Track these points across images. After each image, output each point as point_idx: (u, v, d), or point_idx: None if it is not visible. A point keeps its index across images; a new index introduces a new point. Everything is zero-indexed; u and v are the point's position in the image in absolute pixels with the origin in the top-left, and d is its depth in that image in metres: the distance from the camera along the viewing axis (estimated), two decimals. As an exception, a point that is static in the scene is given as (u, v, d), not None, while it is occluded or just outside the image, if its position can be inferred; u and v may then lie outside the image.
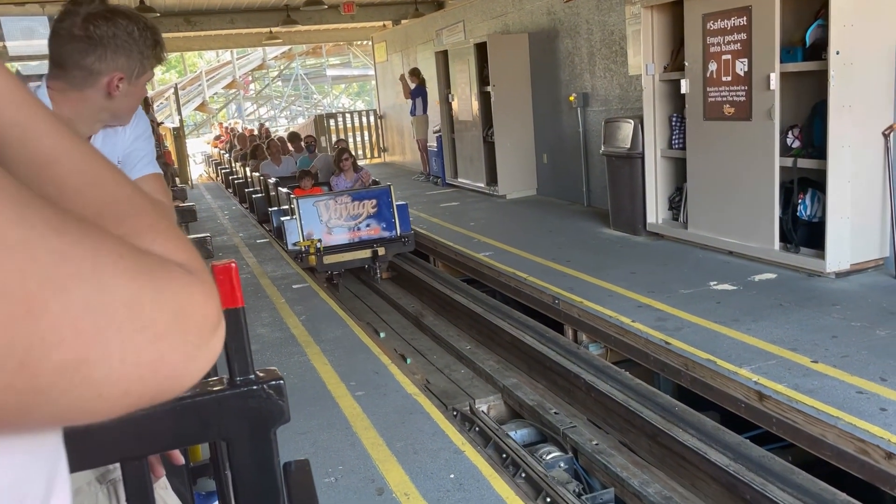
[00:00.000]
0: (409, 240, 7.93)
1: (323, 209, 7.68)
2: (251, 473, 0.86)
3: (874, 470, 3.21)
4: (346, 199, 7.80)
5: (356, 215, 7.77)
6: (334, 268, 7.81)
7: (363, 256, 7.79)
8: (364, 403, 4.02)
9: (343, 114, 19.94)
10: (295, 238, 7.58)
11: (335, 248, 7.68)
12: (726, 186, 6.27)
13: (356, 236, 7.80)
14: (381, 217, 7.86)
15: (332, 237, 7.70)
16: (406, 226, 7.98)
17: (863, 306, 4.84)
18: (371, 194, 7.91)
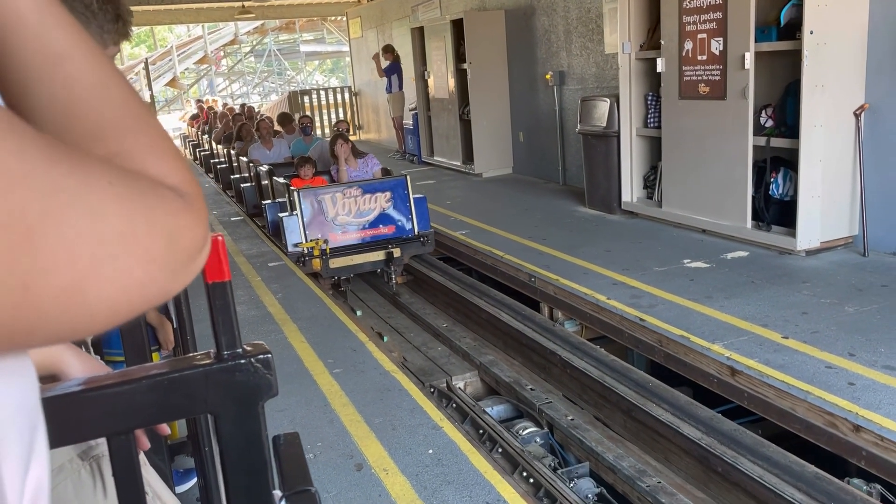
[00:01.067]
0: (428, 239, 6.83)
1: (329, 203, 6.58)
2: (239, 447, 0.86)
3: (842, 442, 3.30)
4: (355, 191, 6.65)
5: (367, 210, 6.67)
6: (342, 272, 6.72)
7: (376, 259, 6.73)
8: (342, 381, 4.03)
9: (317, 90, 19.73)
10: (296, 238, 6.51)
11: (343, 250, 6.62)
12: (700, 165, 6.33)
13: (367, 235, 6.71)
14: (396, 212, 6.78)
15: (339, 237, 6.64)
16: (425, 223, 6.87)
17: (832, 283, 4.93)
18: (384, 186, 6.79)
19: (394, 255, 6.69)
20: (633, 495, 3.86)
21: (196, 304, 2.08)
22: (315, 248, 6.44)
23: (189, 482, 2.95)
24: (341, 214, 6.60)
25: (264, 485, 0.87)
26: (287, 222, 6.52)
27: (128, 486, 0.87)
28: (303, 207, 6.51)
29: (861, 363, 3.71)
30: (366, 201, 6.66)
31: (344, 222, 6.62)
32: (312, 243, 6.45)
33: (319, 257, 6.46)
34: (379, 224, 6.74)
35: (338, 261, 6.59)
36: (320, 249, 6.45)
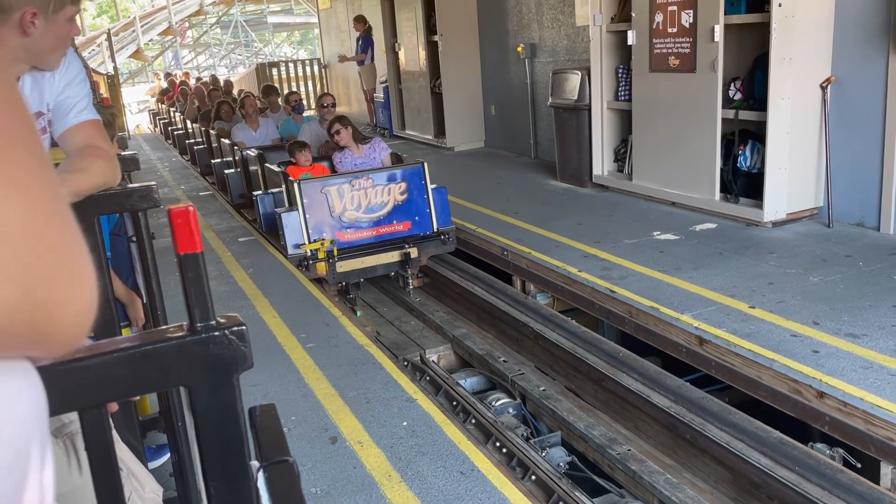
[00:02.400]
0: (449, 237, 5.96)
1: (334, 197, 5.65)
2: (214, 420, 0.85)
3: (806, 408, 3.39)
4: (365, 182, 5.74)
5: (379, 205, 5.76)
6: (351, 277, 5.84)
7: (389, 261, 5.88)
8: (315, 355, 4.03)
9: (286, 63, 19.42)
10: (298, 238, 5.58)
11: (352, 251, 5.74)
12: (670, 138, 6.38)
13: (379, 233, 5.83)
14: (413, 206, 5.87)
15: (347, 235, 5.73)
16: (445, 217, 6.01)
17: (798, 254, 5.03)
18: (398, 175, 5.90)
19: (410, 256, 5.80)
20: (603, 463, 3.94)
21: (166, 279, 2.05)
22: (320, 249, 5.56)
23: (162, 458, 2.94)
24: (349, 209, 5.67)
25: (240, 457, 0.86)
26: (286, 220, 5.57)
27: (101, 459, 0.86)
28: (304, 202, 5.56)
29: (825, 331, 3.80)
30: (377, 193, 5.73)
31: (352, 219, 5.70)
32: (317, 244, 5.55)
33: (325, 260, 5.61)
34: (392, 220, 5.83)
35: (346, 264, 5.69)
36: (326, 251, 5.59)
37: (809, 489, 3.11)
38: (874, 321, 3.87)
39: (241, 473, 0.85)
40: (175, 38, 32.23)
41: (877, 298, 4.15)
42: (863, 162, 5.39)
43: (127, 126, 17.51)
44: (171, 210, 0.80)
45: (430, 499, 2.64)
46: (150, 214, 1.90)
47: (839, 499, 3.02)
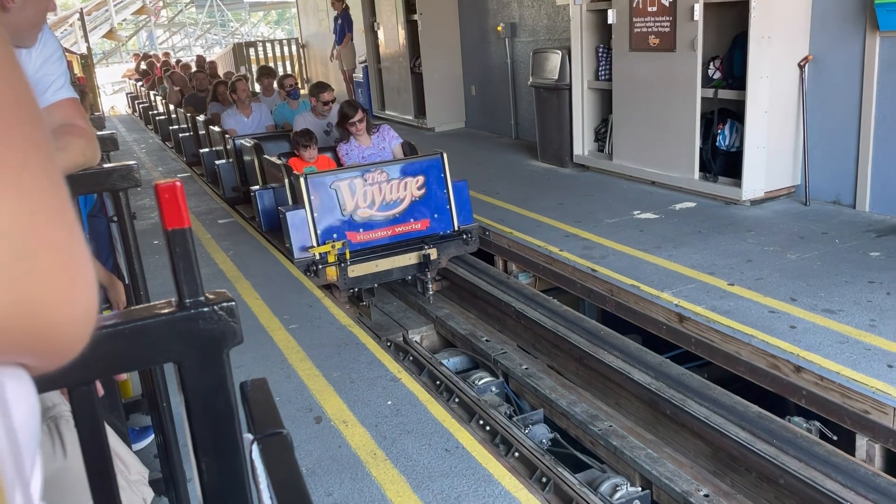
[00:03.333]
0: (472, 236, 5.40)
1: (345, 193, 5.07)
2: (204, 396, 0.85)
3: (784, 383, 3.45)
4: (379, 175, 5.16)
5: (395, 201, 5.19)
6: (364, 282, 5.27)
7: (406, 263, 5.29)
8: (298, 336, 4.02)
9: (263, 43, 19.18)
10: (305, 240, 5.01)
11: (365, 253, 5.17)
12: (650, 118, 6.40)
13: (395, 233, 5.25)
14: (431, 202, 5.31)
15: (359, 236, 5.14)
16: (467, 214, 5.46)
17: (775, 232, 5.09)
18: (415, 168, 5.29)
19: (430, 258, 5.21)
20: (585, 439, 3.99)
21: (147, 260, 2.04)
22: (331, 252, 4.97)
23: (146, 439, 2.94)
24: (362, 207, 5.10)
25: (231, 432, 0.87)
26: (291, 219, 4.98)
27: (92, 436, 0.86)
28: (311, 199, 4.99)
29: (802, 307, 3.87)
30: (392, 188, 5.16)
31: (365, 217, 5.12)
32: (327, 247, 4.96)
33: (336, 265, 5.03)
34: (409, 218, 5.25)
35: (358, 268, 5.11)
36: (338, 254, 5.01)
37: (787, 461, 3.18)
38: (850, 297, 3.94)
39: (232, 448, 0.86)
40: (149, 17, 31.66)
41: (852, 275, 4.22)
42: (839, 140, 5.45)
43: (102, 107, 17.23)
44: (158, 185, 0.79)
45: (416, 476, 2.66)
46: (129, 195, 1.88)
47: (816, 470, 3.09)
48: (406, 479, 2.65)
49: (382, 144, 5.77)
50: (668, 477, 3.46)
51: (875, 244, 4.69)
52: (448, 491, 2.57)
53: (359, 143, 5.71)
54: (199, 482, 0.87)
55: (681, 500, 3.38)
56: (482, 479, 2.62)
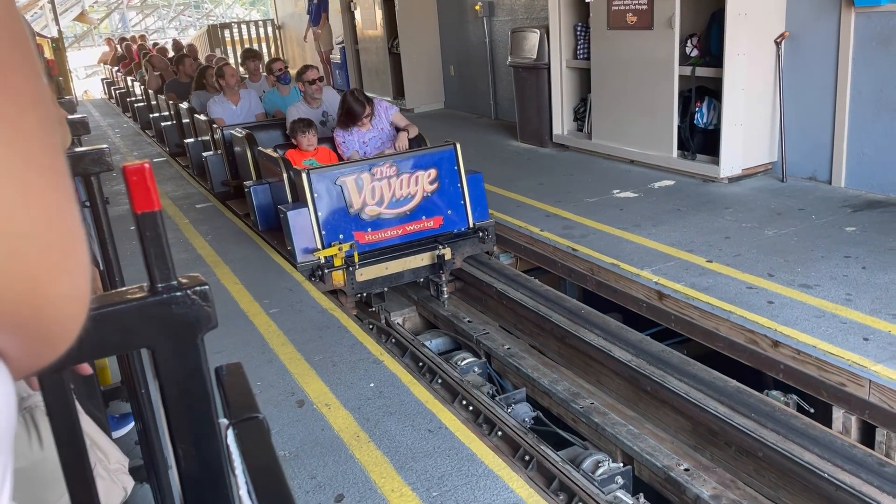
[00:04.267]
0: (488, 234, 5.07)
1: (352, 189, 4.67)
2: (179, 381, 0.84)
3: (762, 357, 3.50)
4: (388, 169, 4.74)
5: (406, 197, 4.80)
6: (373, 286, 4.89)
7: (418, 265, 4.91)
8: (279, 320, 4.00)
9: (238, 24, 18.91)
10: (309, 242, 4.63)
11: (374, 255, 4.79)
12: (628, 96, 6.40)
13: (406, 232, 4.87)
14: (445, 197, 4.93)
15: (368, 236, 4.76)
16: (482, 210, 5.11)
17: (753, 208, 5.14)
18: (427, 160, 4.88)
19: (445, 259, 4.85)
20: (567, 417, 4.03)
21: (123, 247, 2.01)
22: (337, 255, 4.59)
23: (126, 427, 2.92)
24: (370, 204, 4.71)
25: (207, 417, 0.86)
26: (294, 219, 4.59)
27: (65, 424, 0.85)
28: (315, 196, 4.60)
29: (779, 283, 3.91)
30: (403, 183, 4.75)
31: (374, 215, 4.73)
32: (334, 249, 4.58)
33: (343, 268, 4.64)
34: (421, 215, 4.87)
35: (367, 271, 4.71)
36: (345, 257, 4.63)
37: (765, 434, 3.22)
38: (826, 272, 3.98)
39: (209, 434, 0.85)
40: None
41: (828, 250, 4.27)
42: (815, 117, 5.49)
43: (74, 91, 16.93)
44: (126, 167, 0.77)
45: (399, 457, 2.67)
46: (102, 181, 1.84)
47: (794, 443, 3.14)
48: (389, 461, 2.66)
49: (381, 125, 5.34)
50: (649, 452, 3.51)
51: (850, 219, 4.75)
52: (432, 471, 2.58)
53: (358, 127, 5.30)
54: (176, 469, 0.86)
55: (662, 474, 3.42)
56: (465, 459, 2.63)
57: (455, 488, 2.48)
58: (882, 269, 3.95)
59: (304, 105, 5.97)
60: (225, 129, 6.41)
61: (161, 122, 9.38)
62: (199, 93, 7.65)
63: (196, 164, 7.44)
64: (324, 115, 5.98)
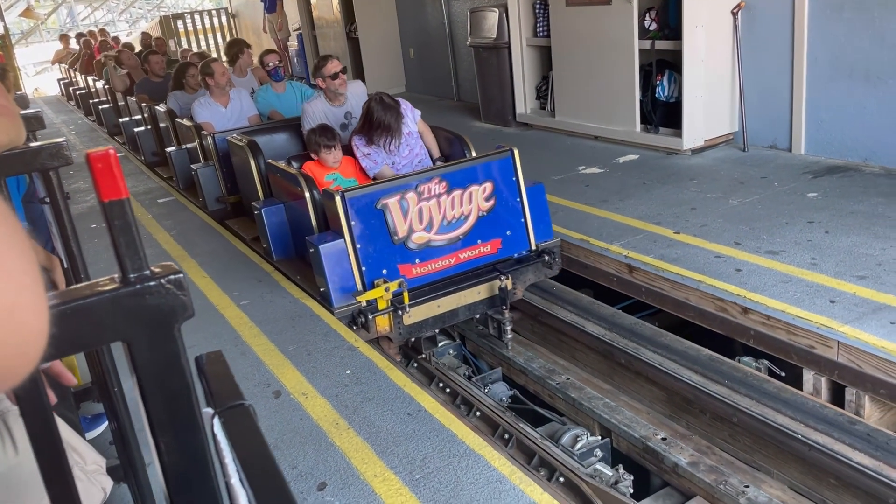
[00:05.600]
0: (554, 256, 4.20)
1: (396, 213, 3.81)
2: (158, 373, 0.81)
3: (732, 325, 3.55)
4: (437, 185, 3.89)
5: (458, 219, 3.96)
6: (423, 329, 4.03)
7: (474, 299, 4.05)
8: (250, 312, 3.95)
9: (191, 14, 18.52)
10: (346, 280, 3.77)
11: (423, 291, 3.94)
12: (589, 72, 6.41)
13: (460, 261, 4.01)
14: (503, 216, 4.09)
15: (416, 269, 3.91)
16: (545, 228, 4.27)
17: (717, 179, 5.20)
18: (482, 172, 4.05)
19: (507, 290, 4.02)
20: (544, 394, 4.06)
21: (86, 245, 1.95)
22: (382, 297, 3.73)
23: (99, 427, 2.86)
24: (418, 230, 3.87)
25: (188, 409, 0.83)
26: (327, 253, 3.71)
27: (42, 428, 0.82)
28: (353, 224, 3.73)
29: (746, 250, 3.97)
30: (454, 202, 3.93)
31: (422, 243, 3.89)
32: (380, 290, 3.71)
33: (389, 312, 3.78)
34: (476, 239, 4.02)
35: (417, 311, 3.89)
36: (391, 298, 3.76)
37: (739, 400, 3.28)
38: (791, 237, 4.05)
39: (191, 425, 0.82)
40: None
41: (792, 216, 4.35)
42: (773, 86, 5.56)
43: (24, 88, 16.45)
44: (90, 154, 0.74)
45: (380, 442, 2.66)
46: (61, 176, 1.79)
47: (767, 406, 3.20)
48: (370, 446, 2.65)
49: (406, 129, 4.40)
50: (626, 424, 3.55)
51: (812, 185, 4.83)
52: (413, 454, 2.58)
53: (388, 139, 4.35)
54: (158, 463, 0.83)
55: (640, 445, 3.47)
56: (446, 440, 2.63)
57: (437, 470, 2.48)
58: (844, 232, 4.04)
59: (324, 103, 4.90)
60: (216, 135, 5.46)
61: (133, 128, 8.23)
62: (177, 93, 6.68)
63: (183, 178, 6.41)
64: (346, 115, 4.91)
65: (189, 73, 6.64)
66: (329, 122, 4.71)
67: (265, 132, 5.24)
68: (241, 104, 5.90)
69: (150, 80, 8.15)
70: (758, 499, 2.98)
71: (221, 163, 5.49)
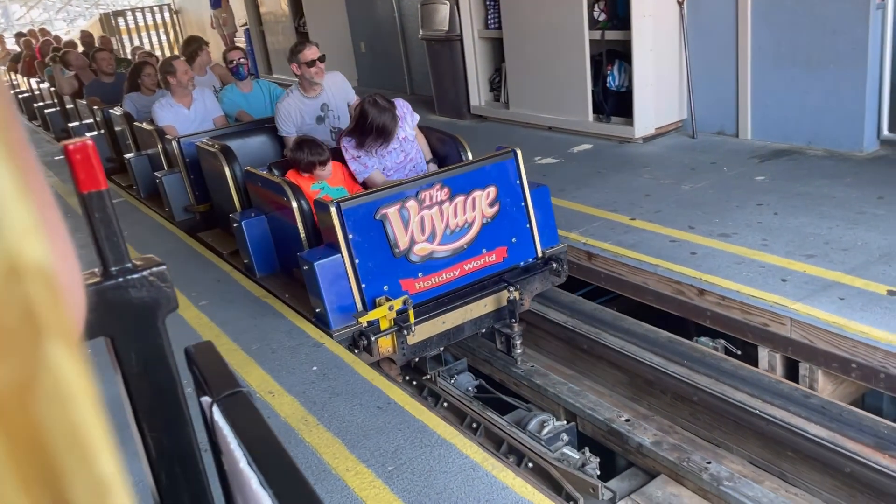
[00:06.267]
0: (562, 263, 3.95)
1: (396, 223, 3.51)
2: (144, 368, 0.80)
3: (689, 306, 3.64)
4: (439, 192, 3.59)
5: (462, 228, 3.68)
6: (427, 348, 3.71)
7: (480, 313, 3.78)
8: (210, 312, 3.89)
9: (132, 11, 18.06)
10: (345, 299, 3.44)
11: (427, 307, 3.63)
12: (541, 64, 6.47)
13: (465, 272, 3.73)
14: (506, 222, 3.81)
15: (419, 283, 3.60)
16: (551, 233, 4.02)
17: (668, 166, 5.31)
18: (485, 176, 3.74)
19: (517, 302, 3.72)
20: (509, 382, 4.10)
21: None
22: (385, 317, 3.41)
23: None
24: (420, 241, 3.57)
25: (175, 402, 0.83)
26: (323, 270, 3.38)
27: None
28: (350, 237, 3.41)
29: (700, 234, 4.07)
30: (457, 209, 3.64)
31: (424, 255, 3.59)
32: (383, 310, 3.37)
33: (392, 331, 3.46)
34: (481, 248, 3.75)
35: (421, 329, 3.56)
36: (395, 318, 3.43)
37: (698, 379, 3.37)
38: (742, 220, 4.17)
39: (179, 418, 0.82)
40: (0, -10, 29.07)
41: (742, 199, 4.47)
42: (720, 73, 5.70)
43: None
44: (68, 146, 0.73)
45: (350, 436, 2.66)
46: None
47: (725, 384, 3.29)
48: (341, 441, 2.64)
49: (402, 133, 4.03)
50: (590, 408, 3.61)
51: (759, 169, 4.97)
52: (385, 446, 2.58)
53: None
54: (145, 458, 0.82)
55: (604, 427, 3.54)
56: (417, 431, 2.64)
57: (410, 460, 2.49)
58: (792, 213, 4.17)
59: (297, 97, 4.59)
60: (182, 139, 5.05)
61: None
62: (133, 95, 6.29)
63: (144, 186, 6.02)
64: (323, 108, 4.61)
65: (145, 72, 6.30)
66: (304, 118, 4.51)
67: (237, 136, 4.85)
68: (204, 105, 5.49)
69: (100, 81, 7.71)
70: (719, 474, 3.07)
71: (189, 169, 5.09)
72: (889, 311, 3.08)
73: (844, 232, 3.85)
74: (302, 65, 4.47)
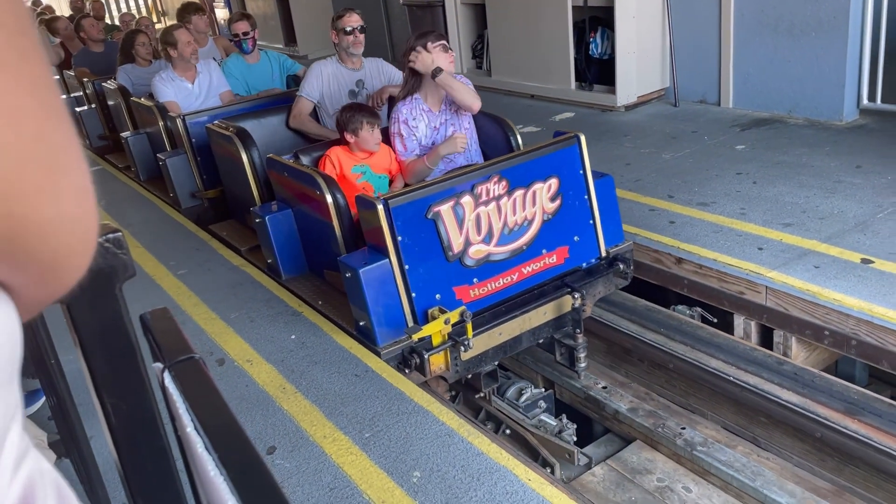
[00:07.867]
0: (627, 263, 3.48)
1: (450, 222, 3.04)
2: (101, 334, 0.80)
3: (667, 275, 3.66)
4: (496, 185, 3.11)
5: (522, 225, 3.22)
6: (483, 363, 3.24)
7: (540, 322, 3.32)
8: (189, 281, 3.87)
9: (109, -25, 17.59)
10: (395, 312, 2.99)
11: (483, 316, 3.17)
12: (524, 31, 6.41)
13: (523, 276, 3.26)
14: (568, 218, 3.35)
15: (475, 290, 3.14)
16: (616, 229, 3.55)
17: (649, 134, 5.31)
18: (546, 166, 3.25)
19: (582, 309, 3.31)
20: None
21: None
22: (439, 332, 2.95)
23: (36, 403, 2.78)
24: (475, 242, 3.11)
25: (135, 367, 0.82)
26: (370, 278, 2.91)
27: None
28: (402, 241, 2.95)
29: (679, 203, 4.08)
30: (516, 205, 3.18)
31: (480, 258, 3.13)
32: (438, 324, 2.92)
33: (447, 347, 3.00)
34: (541, 248, 3.29)
35: (476, 341, 3.06)
36: (451, 332, 2.96)
37: (675, 347, 3.41)
38: (721, 189, 4.19)
39: (138, 384, 0.81)
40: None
41: (722, 168, 4.48)
42: (702, 42, 5.67)
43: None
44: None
45: (328, 404, 2.67)
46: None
47: (701, 352, 3.33)
48: (319, 408, 2.66)
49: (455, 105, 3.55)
50: (567, 375, 3.65)
51: (740, 138, 4.98)
52: (362, 413, 2.59)
53: (428, 107, 3.51)
54: (105, 424, 0.82)
55: (582, 394, 3.58)
56: (395, 398, 2.66)
57: (387, 427, 2.51)
58: (771, 182, 4.19)
59: (335, 63, 4.20)
60: (186, 117, 4.52)
61: (73, 107, 6.85)
62: (128, 67, 5.79)
63: (144, 168, 5.50)
64: (358, 83, 4.21)
65: (138, 41, 5.78)
66: (338, 86, 4.14)
67: (252, 116, 4.27)
68: (210, 78, 4.90)
69: (89, 50, 7.04)
70: (693, 439, 3.12)
71: (195, 151, 4.57)
72: (862, 279, 3.13)
73: (822, 201, 3.88)
74: (340, 31, 4.10)
